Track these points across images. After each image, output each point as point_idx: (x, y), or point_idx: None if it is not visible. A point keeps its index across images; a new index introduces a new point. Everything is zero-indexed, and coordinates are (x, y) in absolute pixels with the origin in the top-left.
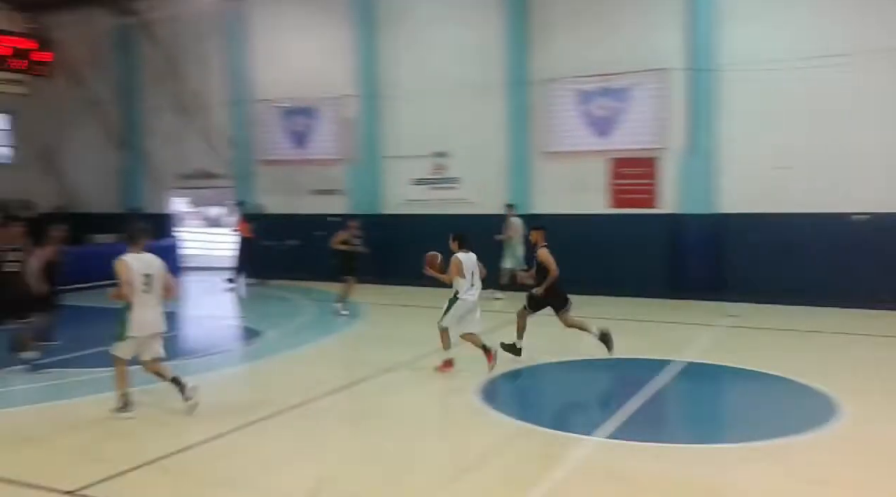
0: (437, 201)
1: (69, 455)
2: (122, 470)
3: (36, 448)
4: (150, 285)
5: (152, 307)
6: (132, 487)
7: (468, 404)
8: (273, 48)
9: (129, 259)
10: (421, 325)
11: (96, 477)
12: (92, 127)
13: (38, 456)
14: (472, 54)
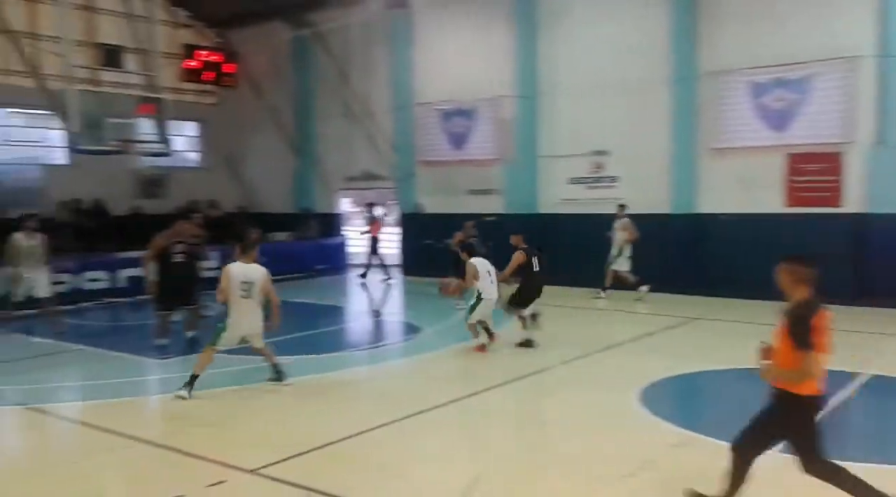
0: (593, 201)
1: (248, 436)
2: (294, 453)
3: (219, 429)
4: (249, 292)
5: (250, 311)
6: (303, 470)
7: (628, 408)
8: (434, 53)
9: (233, 268)
10: (576, 325)
11: (273, 458)
12: (270, 133)
13: (221, 436)
14: (634, 50)
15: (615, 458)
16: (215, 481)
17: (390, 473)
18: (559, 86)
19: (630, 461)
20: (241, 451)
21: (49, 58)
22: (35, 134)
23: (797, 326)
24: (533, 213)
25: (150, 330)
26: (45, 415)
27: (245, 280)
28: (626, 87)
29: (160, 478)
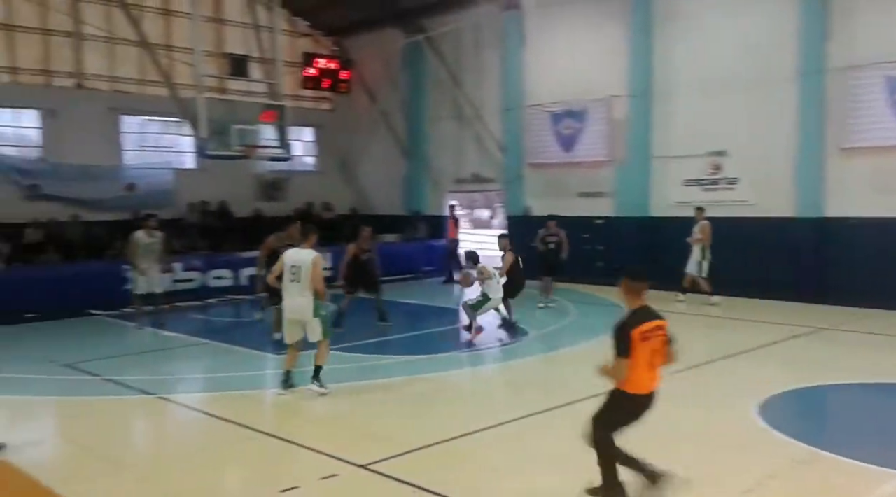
0: (710, 203)
1: (360, 432)
2: (405, 450)
3: (333, 424)
4: (297, 276)
5: (297, 295)
6: (414, 467)
7: (748, 422)
8: (545, 54)
9: (286, 253)
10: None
11: (384, 454)
12: (382, 137)
13: (334, 431)
14: (758, 44)
15: (733, 473)
16: (328, 474)
17: (503, 475)
18: (675, 84)
19: (749, 477)
20: (352, 446)
21: (181, 68)
22: (168, 140)
23: (616, 335)
24: (644, 215)
25: (267, 326)
26: (173, 404)
27: (294, 264)
28: (748, 84)
29: (277, 468)
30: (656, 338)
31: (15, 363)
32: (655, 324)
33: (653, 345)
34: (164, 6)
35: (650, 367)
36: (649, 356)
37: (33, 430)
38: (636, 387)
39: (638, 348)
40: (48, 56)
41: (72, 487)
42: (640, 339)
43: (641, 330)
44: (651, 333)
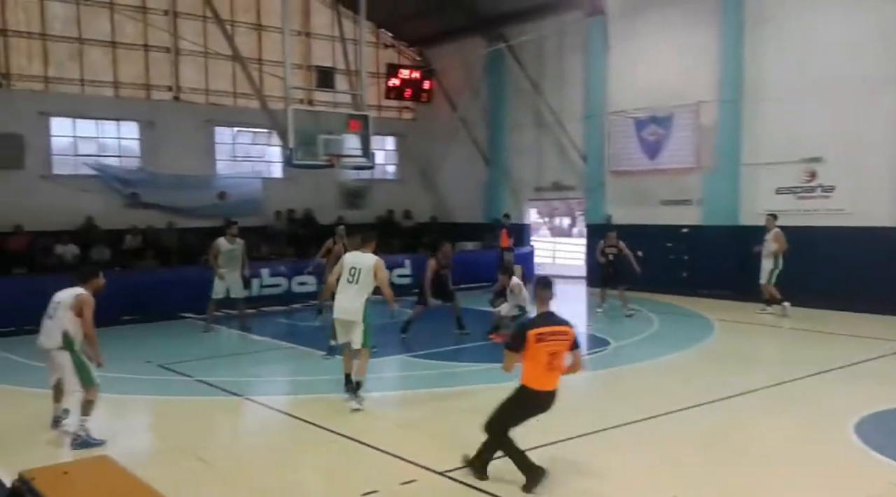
0: (803, 212)
1: (439, 438)
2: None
3: (413, 429)
4: (356, 277)
5: (351, 296)
6: (493, 476)
7: (844, 442)
8: (629, 59)
9: (347, 255)
10: (783, 345)
11: (461, 462)
12: (462, 145)
13: (414, 436)
14: (856, 46)
15: (827, 495)
16: (407, 480)
17: (583, 489)
18: (767, 88)
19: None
20: (431, 452)
21: (271, 81)
22: (257, 150)
23: (514, 331)
24: (734, 224)
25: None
26: (258, 406)
27: (353, 266)
28: (846, 87)
29: (357, 472)
30: (555, 342)
31: (115, 363)
32: (554, 328)
33: (550, 348)
34: (257, 21)
35: (549, 367)
36: (548, 358)
37: (130, 427)
38: (534, 383)
39: (533, 348)
40: (148, 71)
41: (163, 483)
42: (535, 339)
43: (538, 331)
44: (548, 336)
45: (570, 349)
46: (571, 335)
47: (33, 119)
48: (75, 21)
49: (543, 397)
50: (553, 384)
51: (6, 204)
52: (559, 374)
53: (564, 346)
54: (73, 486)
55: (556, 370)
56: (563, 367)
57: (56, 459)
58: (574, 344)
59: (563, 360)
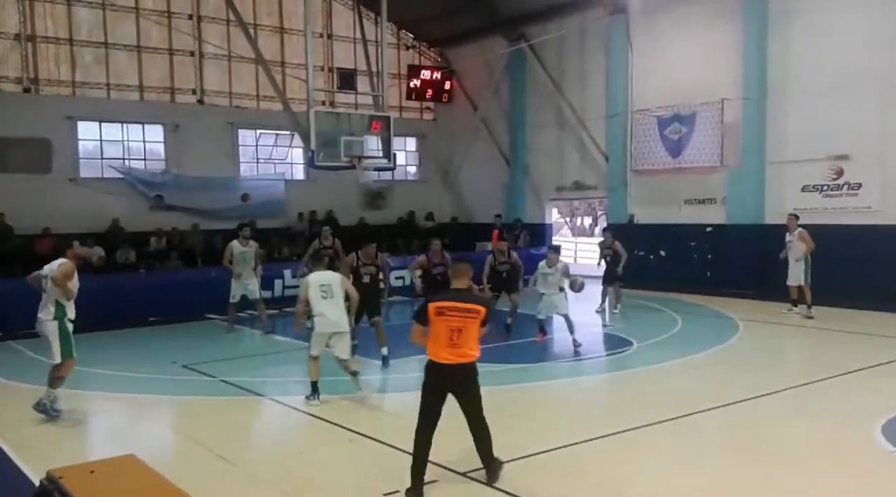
0: (830, 210)
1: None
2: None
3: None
4: (328, 292)
5: (332, 310)
6: (513, 477)
7: (869, 442)
8: (651, 57)
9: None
10: (801, 347)
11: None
12: (483, 145)
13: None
14: (882, 43)
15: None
16: (428, 480)
17: (607, 490)
18: (792, 85)
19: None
20: (453, 453)
21: (294, 83)
22: (280, 152)
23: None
24: (758, 223)
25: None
26: (281, 406)
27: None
28: (873, 84)
29: (379, 472)
30: (457, 318)
31: (141, 363)
32: (458, 304)
33: (451, 323)
34: (279, 24)
35: (450, 342)
36: (448, 332)
37: (155, 426)
38: (433, 355)
39: (433, 321)
40: (172, 74)
41: (187, 482)
42: (435, 312)
43: (437, 305)
44: (449, 311)
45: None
46: (481, 314)
47: (60, 123)
48: (101, 26)
49: (443, 370)
50: (453, 358)
51: (34, 207)
52: (465, 352)
53: (470, 323)
54: (100, 485)
55: (459, 347)
56: (471, 345)
57: (81, 458)
58: (484, 322)
59: (469, 338)
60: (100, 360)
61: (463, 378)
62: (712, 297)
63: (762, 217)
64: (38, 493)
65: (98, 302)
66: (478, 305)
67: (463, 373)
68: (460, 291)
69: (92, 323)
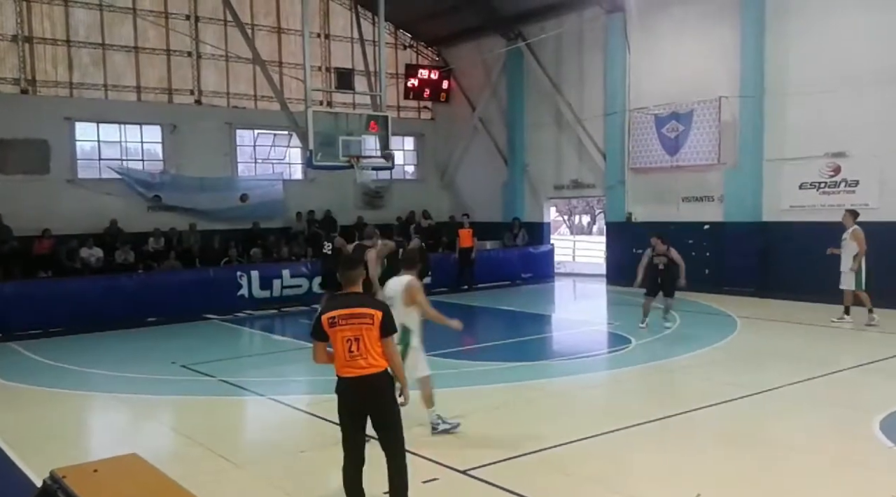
0: (827, 207)
1: (460, 437)
2: (505, 457)
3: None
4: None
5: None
6: (514, 474)
7: (869, 438)
8: (649, 56)
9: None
10: (799, 343)
11: (484, 460)
12: (481, 144)
13: (433, 437)
14: (879, 40)
15: (852, 492)
16: (429, 478)
17: (606, 486)
18: (788, 83)
19: (873, 492)
20: (453, 450)
21: (291, 83)
22: (278, 152)
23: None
24: (756, 221)
25: None
26: (281, 406)
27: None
28: (870, 81)
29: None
30: (351, 326)
31: (140, 364)
32: (350, 311)
33: (345, 332)
34: (276, 24)
35: (350, 355)
36: (344, 344)
37: (155, 426)
38: (337, 370)
39: (329, 333)
40: (170, 75)
41: (188, 481)
42: (328, 324)
43: (329, 316)
44: (341, 320)
45: (381, 335)
46: (377, 318)
47: (58, 124)
48: (98, 27)
49: (347, 385)
50: (355, 370)
51: (32, 208)
52: (369, 362)
53: (367, 330)
54: (103, 484)
55: (360, 358)
56: (375, 354)
57: (84, 458)
58: (382, 328)
59: (371, 346)
60: (99, 360)
61: (373, 391)
62: (710, 294)
63: (760, 214)
64: (41, 493)
65: (97, 303)
66: (373, 310)
67: (371, 385)
68: (351, 295)
69: (91, 324)
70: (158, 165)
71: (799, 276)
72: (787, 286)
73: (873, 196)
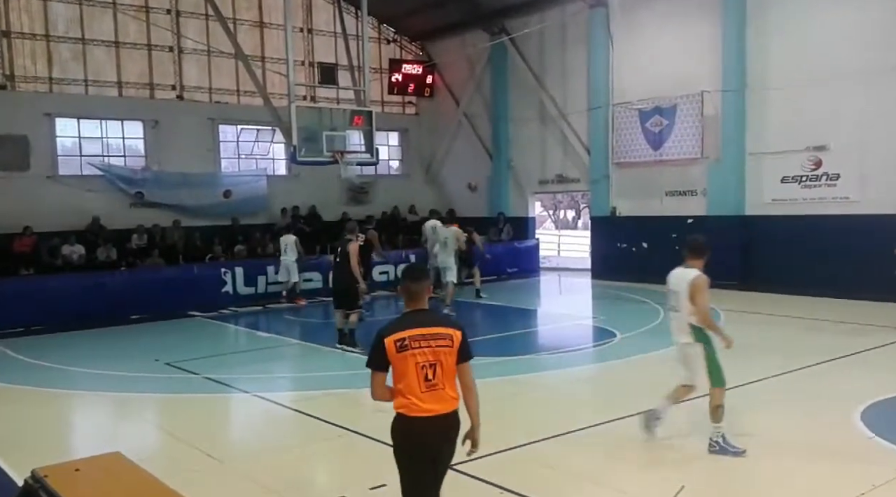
0: (809, 201)
1: None
2: (490, 452)
3: None
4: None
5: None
6: (498, 468)
7: (850, 429)
8: (632, 50)
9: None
10: (782, 336)
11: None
12: (466, 139)
13: None
14: (860, 35)
15: (834, 482)
16: None
17: (588, 479)
18: (770, 77)
19: (853, 486)
20: None
21: (274, 78)
22: (262, 148)
23: (372, 344)
24: (738, 214)
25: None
26: (266, 402)
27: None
28: (851, 75)
29: (366, 466)
30: (426, 349)
31: (124, 362)
32: (422, 331)
33: (420, 357)
34: (259, 19)
35: (426, 384)
36: (418, 370)
37: (139, 424)
38: (404, 407)
39: (396, 360)
40: (151, 70)
41: (173, 479)
42: (396, 348)
43: (397, 337)
44: (413, 342)
45: (458, 361)
46: (456, 340)
47: (38, 120)
48: (78, 21)
49: (424, 424)
50: (434, 405)
51: (13, 205)
52: (448, 395)
53: (445, 355)
54: (85, 483)
55: (436, 388)
56: (452, 385)
57: (66, 457)
58: (462, 353)
59: (449, 374)
60: (82, 358)
61: (450, 432)
62: None
63: (743, 208)
64: (23, 493)
65: (79, 300)
66: (450, 328)
67: (451, 425)
68: (421, 312)
69: (73, 321)
70: (140, 162)
71: (781, 269)
72: (769, 279)
73: (854, 189)
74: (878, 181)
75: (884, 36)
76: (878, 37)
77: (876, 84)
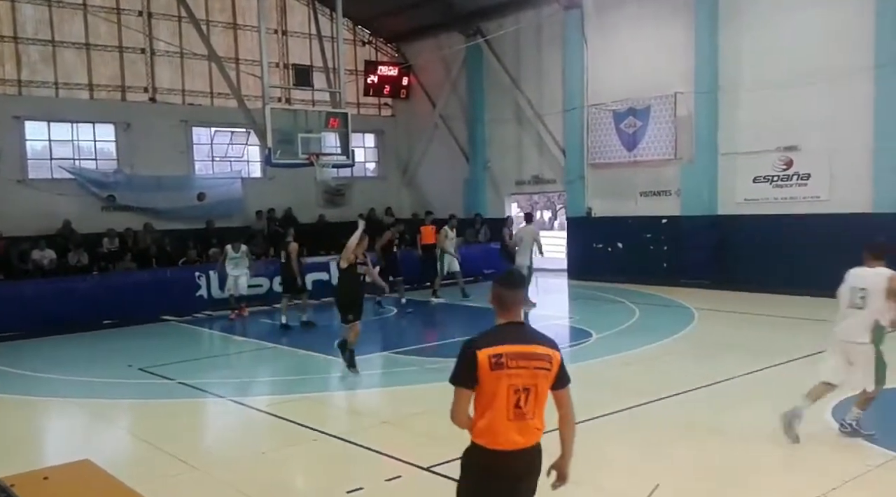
0: (780, 200)
1: (424, 434)
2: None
3: (397, 426)
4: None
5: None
6: None
7: (821, 425)
8: (606, 52)
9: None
10: (755, 334)
11: (447, 456)
12: (442, 141)
13: (398, 433)
14: (830, 37)
15: (808, 475)
16: (392, 476)
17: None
18: (742, 79)
19: (826, 478)
20: (416, 448)
21: (248, 80)
22: (236, 150)
23: (458, 355)
24: (712, 214)
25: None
26: (242, 407)
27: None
28: (821, 76)
29: (342, 470)
30: (523, 370)
31: (96, 368)
32: (522, 348)
33: (515, 379)
34: (232, 20)
35: (515, 411)
36: (510, 394)
37: (111, 431)
38: (487, 437)
39: (487, 379)
40: (123, 72)
41: (147, 486)
42: (491, 365)
43: (493, 352)
44: (510, 360)
45: (555, 386)
46: (555, 362)
47: (7, 123)
48: (48, 23)
49: (506, 460)
50: (520, 437)
51: None
52: (536, 426)
53: (542, 379)
54: (53, 492)
55: (526, 416)
56: (542, 414)
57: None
58: (561, 377)
59: (541, 401)
60: (53, 364)
61: (534, 467)
62: (668, 287)
63: (716, 208)
64: None
65: (50, 305)
66: (550, 348)
67: (535, 458)
68: (520, 327)
69: (44, 327)
70: (112, 165)
71: (753, 268)
72: (742, 278)
73: (824, 189)
74: (848, 180)
75: (853, 38)
76: (847, 39)
77: (846, 85)
